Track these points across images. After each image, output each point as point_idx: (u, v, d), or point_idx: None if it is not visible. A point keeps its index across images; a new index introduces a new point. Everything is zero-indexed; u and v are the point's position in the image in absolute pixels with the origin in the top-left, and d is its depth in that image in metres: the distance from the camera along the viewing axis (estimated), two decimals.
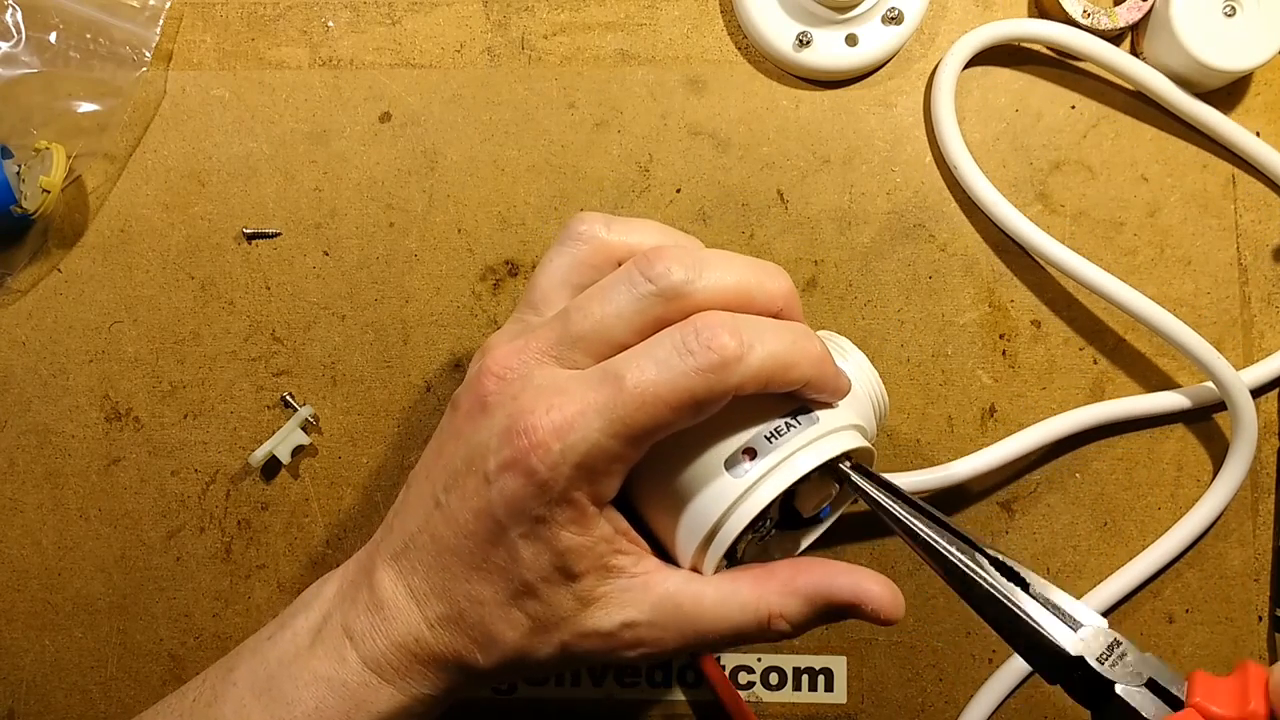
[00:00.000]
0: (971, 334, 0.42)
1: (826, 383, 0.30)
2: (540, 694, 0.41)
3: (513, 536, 0.28)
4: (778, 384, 0.28)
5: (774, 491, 0.28)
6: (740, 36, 0.43)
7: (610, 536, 0.29)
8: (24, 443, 0.42)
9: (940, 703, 0.41)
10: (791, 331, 0.29)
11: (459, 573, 0.29)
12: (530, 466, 0.27)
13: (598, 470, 0.27)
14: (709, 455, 0.29)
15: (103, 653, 0.41)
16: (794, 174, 0.42)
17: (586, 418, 0.27)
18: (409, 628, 0.29)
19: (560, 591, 0.28)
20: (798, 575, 0.29)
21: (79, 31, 0.41)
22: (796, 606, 0.29)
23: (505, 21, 0.43)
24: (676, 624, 0.29)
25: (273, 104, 0.42)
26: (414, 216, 0.42)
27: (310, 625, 0.31)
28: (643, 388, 0.26)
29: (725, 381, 0.27)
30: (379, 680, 0.30)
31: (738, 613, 0.29)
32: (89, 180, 0.42)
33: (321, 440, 0.42)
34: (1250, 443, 0.40)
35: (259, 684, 0.30)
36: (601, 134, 0.42)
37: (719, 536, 0.29)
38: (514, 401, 0.28)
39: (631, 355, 0.28)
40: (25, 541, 0.41)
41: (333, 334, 0.42)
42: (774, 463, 0.28)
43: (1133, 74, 0.41)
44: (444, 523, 0.29)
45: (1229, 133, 0.41)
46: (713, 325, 0.27)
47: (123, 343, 0.42)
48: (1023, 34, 0.41)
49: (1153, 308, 0.39)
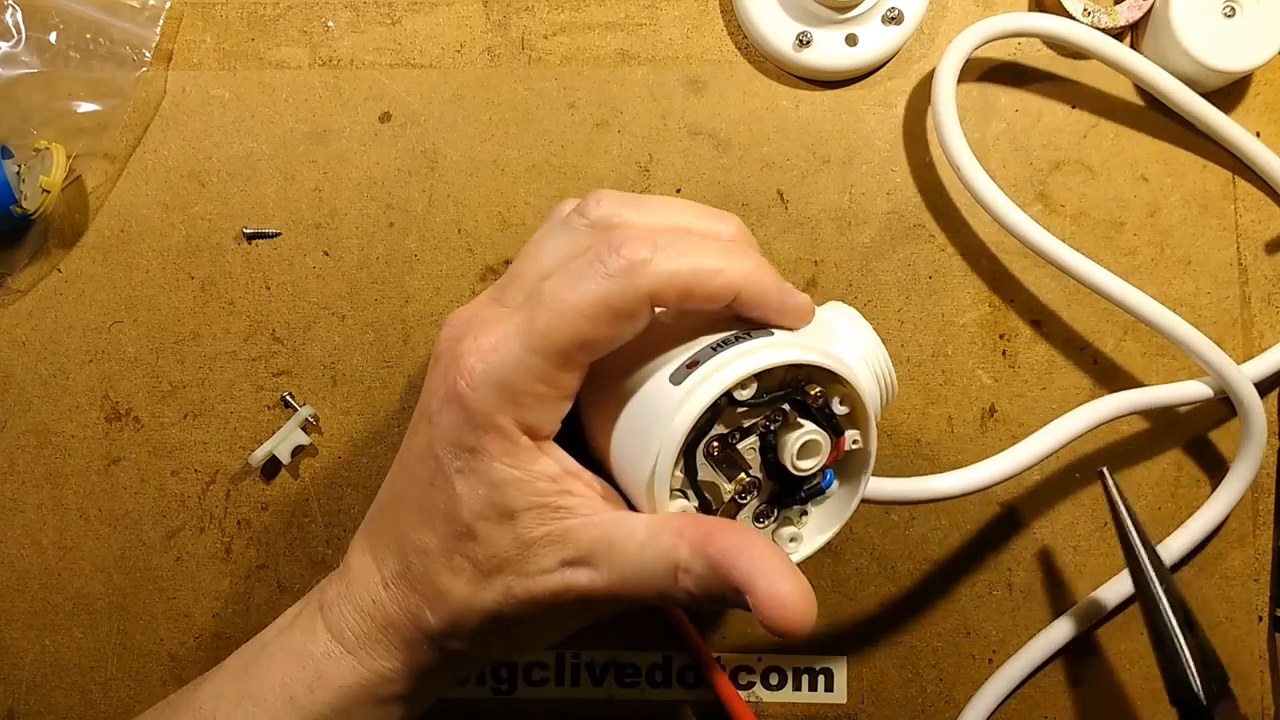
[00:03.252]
0: (971, 334, 0.42)
1: (769, 296, 0.28)
2: (540, 694, 0.41)
3: (449, 473, 0.28)
4: (700, 293, 0.27)
5: (714, 390, 0.26)
6: (740, 36, 0.43)
7: (555, 475, 0.28)
8: (24, 443, 0.42)
9: (940, 703, 0.41)
10: (719, 245, 0.28)
11: (408, 522, 0.29)
12: (459, 393, 0.27)
13: (520, 391, 0.27)
14: (652, 378, 0.28)
15: (103, 653, 0.41)
16: (794, 174, 0.42)
17: (508, 338, 0.27)
18: (368, 589, 0.30)
19: (497, 531, 0.28)
20: (717, 535, 0.26)
21: (79, 31, 0.41)
22: (700, 569, 0.26)
23: (505, 21, 0.43)
24: (609, 562, 0.27)
25: (273, 104, 0.42)
26: (414, 216, 0.42)
27: (296, 609, 0.32)
28: (557, 300, 0.26)
29: (636, 285, 0.26)
30: (341, 650, 0.30)
31: (657, 559, 0.26)
32: (89, 180, 0.42)
33: (321, 440, 0.42)
34: (1259, 440, 0.40)
35: (239, 665, 0.31)
36: (601, 134, 0.42)
37: (661, 452, 0.26)
38: (458, 343, 0.28)
39: (551, 277, 0.28)
40: (25, 541, 0.41)
41: (333, 334, 0.42)
42: (716, 365, 0.27)
43: (1136, 69, 0.40)
44: (399, 474, 0.30)
45: (1228, 132, 0.41)
46: (624, 235, 0.27)
47: (123, 343, 0.42)
48: (1025, 28, 0.40)
49: (1156, 308, 0.38)
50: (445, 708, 0.41)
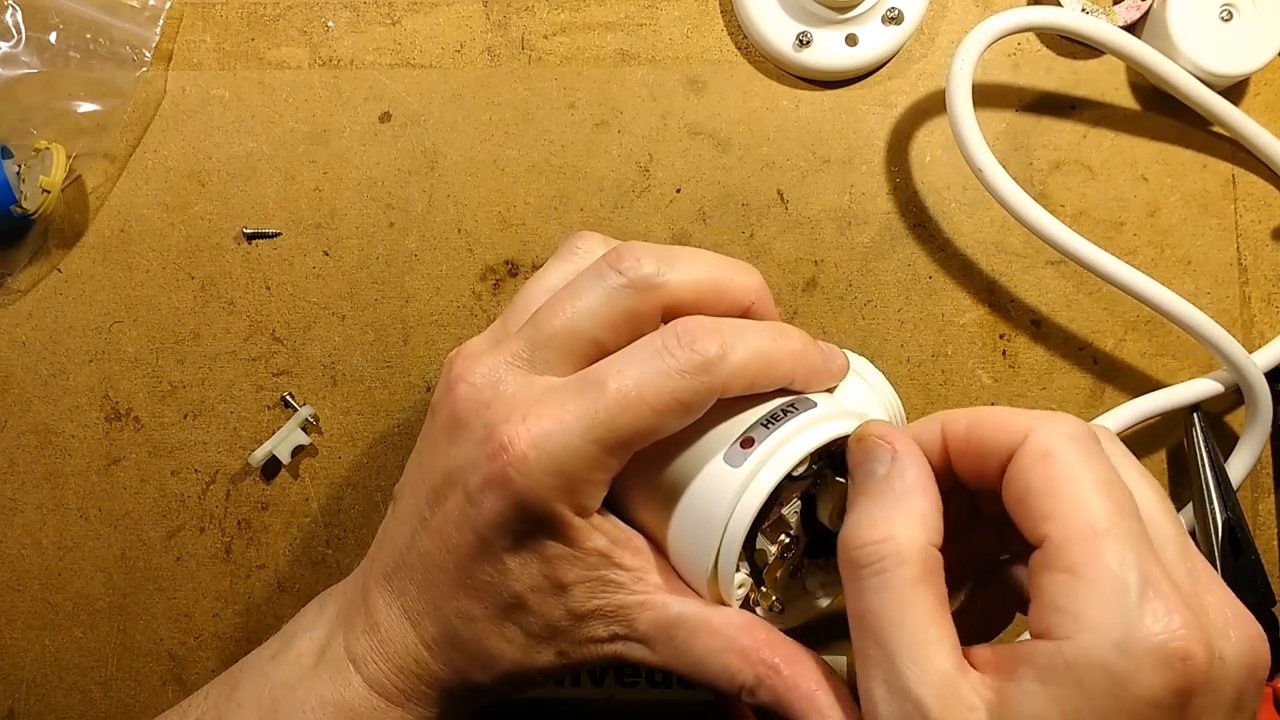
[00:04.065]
0: (971, 334, 0.42)
1: (815, 372, 0.29)
2: (540, 694, 0.41)
3: (498, 551, 0.27)
4: (763, 382, 0.28)
5: (777, 474, 0.26)
6: (740, 36, 0.43)
7: (605, 549, 0.28)
8: (24, 443, 0.42)
9: None
10: (770, 329, 0.28)
11: (447, 590, 0.28)
12: (509, 479, 0.26)
13: (578, 479, 0.26)
14: (703, 455, 0.28)
15: (103, 653, 0.41)
16: (794, 174, 0.42)
17: (565, 425, 0.26)
18: (407, 650, 0.29)
19: (551, 601, 0.28)
20: (784, 672, 0.27)
21: (79, 31, 0.41)
22: (763, 698, 0.28)
23: (505, 21, 0.43)
24: (666, 649, 0.28)
25: (273, 104, 0.42)
26: (414, 216, 0.42)
27: (314, 647, 0.31)
28: (625, 390, 0.26)
29: (710, 382, 0.26)
30: (386, 704, 0.29)
31: (720, 672, 0.28)
32: (89, 180, 0.42)
33: (321, 440, 0.42)
34: (1264, 425, 0.39)
35: (264, 707, 0.30)
36: (601, 134, 0.42)
37: (725, 541, 0.27)
38: (487, 410, 0.27)
39: (612, 360, 0.27)
40: (25, 541, 0.41)
41: (333, 334, 0.42)
42: (774, 445, 0.27)
43: (1150, 61, 0.40)
44: (430, 540, 0.28)
45: (1235, 122, 0.40)
46: (692, 327, 0.27)
47: (123, 343, 0.42)
48: (1041, 23, 0.39)
49: (1172, 296, 0.38)
50: None
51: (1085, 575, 0.23)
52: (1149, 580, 0.22)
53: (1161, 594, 0.22)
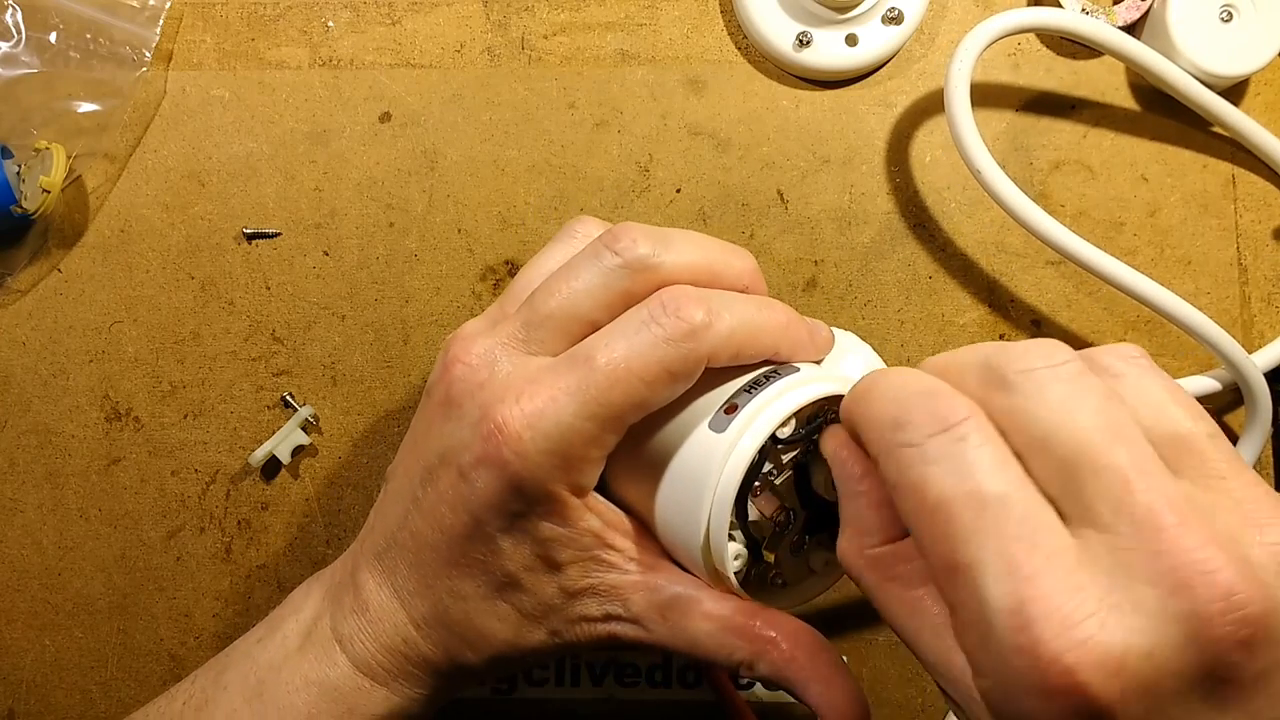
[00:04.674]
0: (971, 334, 0.42)
1: (801, 344, 0.29)
2: (540, 694, 0.41)
3: (491, 531, 0.27)
4: (749, 352, 0.28)
5: (761, 434, 0.26)
6: (740, 36, 0.43)
7: (598, 530, 0.28)
8: (24, 443, 0.42)
9: (940, 703, 0.41)
10: (756, 300, 0.28)
11: (439, 569, 0.28)
12: (504, 460, 0.26)
13: (573, 456, 0.27)
14: (688, 425, 0.28)
15: (103, 653, 0.41)
16: (794, 174, 0.42)
17: (558, 403, 0.26)
18: (396, 629, 0.29)
19: (544, 580, 0.28)
20: (782, 645, 0.28)
21: (79, 31, 0.41)
22: (764, 672, 0.28)
23: (505, 21, 0.43)
24: (661, 628, 0.29)
25: (273, 104, 0.42)
26: (414, 216, 0.42)
27: (300, 628, 0.31)
28: (614, 364, 0.26)
29: (696, 350, 0.26)
30: (371, 683, 0.29)
31: (717, 650, 0.28)
32: (89, 180, 0.42)
33: (321, 440, 0.42)
34: (1264, 425, 0.39)
35: (249, 689, 0.30)
36: (601, 134, 0.42)
37: (714, 506, 0.27)
38: (482, 391, 0.27)
39: (599, 335, 0.27)
40: (25, 541, 0.41)
41: (333, 334, 0.42)
42: (758, 407, 0.27)
43: (1150, 62, 0.40)
44: (422, 519, 0.29)
45: (1235, 121, 0.40)
46: (678, 296, 0.27)
47: (123, 343, 0.42)
48: (1040, 24, 0.39)
49: (1172, 298, 0.38)
50: (445, 707, 0.41)
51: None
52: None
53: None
